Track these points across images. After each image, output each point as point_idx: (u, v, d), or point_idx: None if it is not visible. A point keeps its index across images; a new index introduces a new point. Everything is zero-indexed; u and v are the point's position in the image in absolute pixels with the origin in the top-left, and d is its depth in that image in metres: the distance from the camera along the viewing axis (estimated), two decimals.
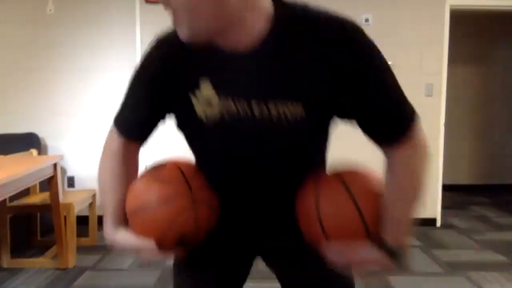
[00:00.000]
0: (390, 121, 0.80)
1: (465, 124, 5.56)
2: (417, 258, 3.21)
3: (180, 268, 1.04)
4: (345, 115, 0.83)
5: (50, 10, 3.85)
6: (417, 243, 3.56)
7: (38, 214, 3.41)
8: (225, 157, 0.88)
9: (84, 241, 3.42)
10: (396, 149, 0.81)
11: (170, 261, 1.03)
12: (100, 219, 3.61)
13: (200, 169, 0.91)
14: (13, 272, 2.89)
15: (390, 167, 0.84)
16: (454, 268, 3.03)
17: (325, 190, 0.84)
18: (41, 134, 3.87)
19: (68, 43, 3.87)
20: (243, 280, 1.08)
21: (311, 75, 0.76)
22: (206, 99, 0.81)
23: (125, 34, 3.87)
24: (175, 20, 0.73)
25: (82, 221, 3.42)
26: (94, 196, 3.49)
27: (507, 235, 3.79)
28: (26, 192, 3.27)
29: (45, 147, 3.92)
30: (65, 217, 2.99)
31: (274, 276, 1.06)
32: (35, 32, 3.86)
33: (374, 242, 0.82)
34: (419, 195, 0.83)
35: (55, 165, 2.91)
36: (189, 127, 0.88)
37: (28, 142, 3.70)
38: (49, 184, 2.91)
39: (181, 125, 0.90)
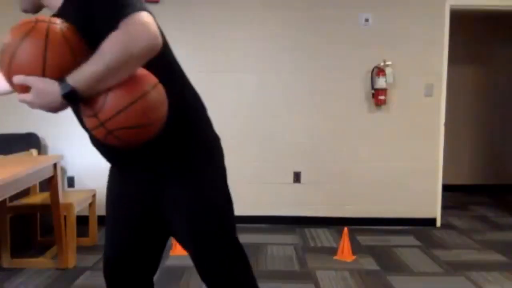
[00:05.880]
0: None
1: (465, 124, 5.56)
2: (417, 258, 3.21)
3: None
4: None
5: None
6: (417, 243, 3.56)
7: (38, 214, 3.40)
8: None
9: (84, 241, 3.41)
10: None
11: (169, 262, 1.03)
12: (100, 219, 3.61)
13: None
14: (13, 272, 2.90)
15: None
16: (454, 268, 3.03)
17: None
18: (41, 134, 3.87)
19: None
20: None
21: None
22: None
23: None
24: None
25: (82, 221, 3.41)
26: (94, 196, 3.49)
27: (507, 235, 3.79)
28: (26, 192, 3.27)
29: (45, 147, 3.92)
30: (65, 217, 2.99)
31: (274, 276, 1.06)
32: None
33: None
34: (115, 58, 1.01)
35: (55, 165, 2.92)
36: None
37: (28, 142, 3.70)
38: (49, 184, 2.91)
39: None
